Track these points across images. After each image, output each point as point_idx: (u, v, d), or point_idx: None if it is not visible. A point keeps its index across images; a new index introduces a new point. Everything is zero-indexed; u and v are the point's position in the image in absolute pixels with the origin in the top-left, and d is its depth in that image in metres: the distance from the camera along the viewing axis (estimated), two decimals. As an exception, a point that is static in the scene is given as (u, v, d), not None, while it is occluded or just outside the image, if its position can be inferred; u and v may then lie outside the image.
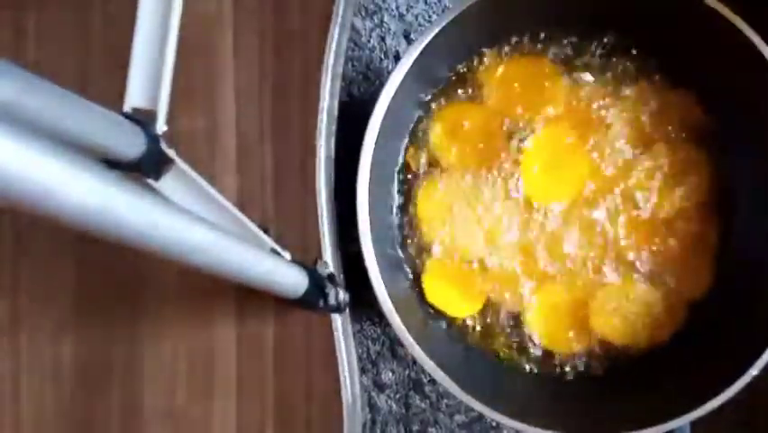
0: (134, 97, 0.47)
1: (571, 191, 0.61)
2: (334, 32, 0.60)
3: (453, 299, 0.62)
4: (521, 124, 0.61)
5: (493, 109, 0.62)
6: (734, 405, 0.52)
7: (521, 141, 0.61)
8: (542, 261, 0.61)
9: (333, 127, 0.60)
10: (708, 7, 0.53)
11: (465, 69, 0.62)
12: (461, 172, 0.62)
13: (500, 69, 0.62)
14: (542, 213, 0.61)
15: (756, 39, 0.53)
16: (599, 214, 0.61)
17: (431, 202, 0.62)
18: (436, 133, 0.62)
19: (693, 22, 0.55)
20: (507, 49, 0.62)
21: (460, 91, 0.62)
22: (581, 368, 0.61)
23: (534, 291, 0.61)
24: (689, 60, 0.60)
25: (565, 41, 0.62)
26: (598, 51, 0.62)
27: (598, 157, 0.61)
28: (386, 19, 0.68)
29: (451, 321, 0.62)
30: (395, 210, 0.62)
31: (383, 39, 0.68)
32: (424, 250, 0.62)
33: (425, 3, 0.68)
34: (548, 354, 0.61)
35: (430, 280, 0.62)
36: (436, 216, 0.62)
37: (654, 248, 0.61)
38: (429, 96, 0.62)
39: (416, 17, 0.68)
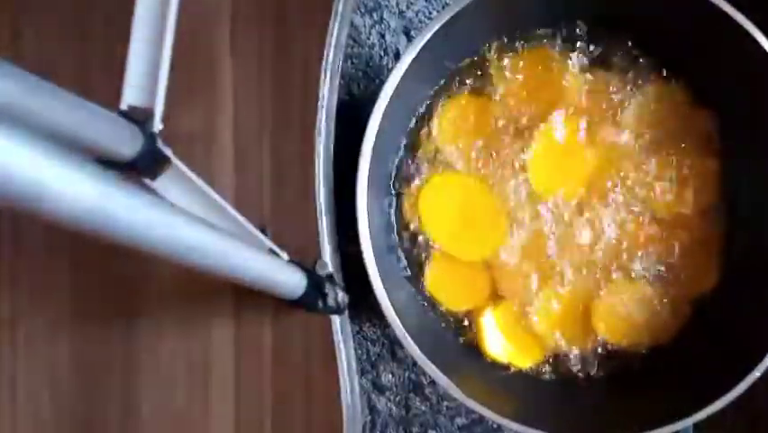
0: (131, 95, 0.47)
1: (577, 188, 0.61)
2: (334, 29, 0.60)
3: (456, 297, 0.62)
4: (526, 119, 0.61)
5: (497, 104, 0.61)
6: (737, 407, 0.52)
7: (526, 136, 0.61)
8: (546, 260, 0.61)
9: (333, 126, 0.60)
10: (714, 6, 0.53)
11: (466, 66, 0.62)
12: (463, 168, 0.61)
13: (504, 65, 0.62)
14: (547, 211, 0.61)
15: (762, 39, 0.53)
16: (604, 213, 0.61)
17: (433, 200, 0.62)
18: (438, 129, 0.62)
19: (699, 22, 0.55)
20: (509, 44, 0.62)
21: (461, 87, 0.62)
22: (584, 369, 0.61)
23: (537, 291, 0.61)
24: (694, 61, 0.59)
25: (569, 36, 0.62)
26: (601, 48, 0.62)
27: (605, 155, 0.61)
28: (386, 16, 0.67)
29: (451, 322, 0.62)
30: (395, 209, 0.62)
31: (383, 36, 0.67)
32: (425, 249, 0.62)
33: (426, -1, 0.68)
34: (550, 356, 0.61)
35: (433, 279, 0.62)
36: (438, 213, 0.62)
37: (658, 249, 0.61)
38: (430, 93, 0.62)
39: (417, 14, 0.68)
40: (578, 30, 0.61)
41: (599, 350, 0.61)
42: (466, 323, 0.62)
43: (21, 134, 0.24)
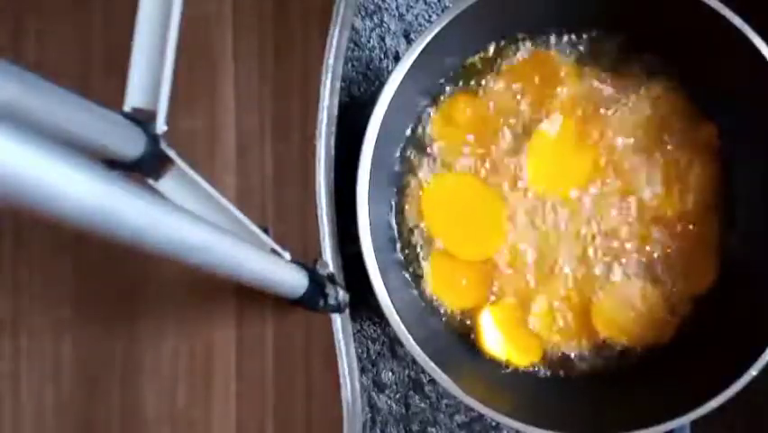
0: (134, 97, 0.47)
1: (575, 188, 0.61)
2: (334, 32, 0.60)
3: (455, 296, 0.62)
4: (525, 120, 0.61)
5: (495, 105, 0.62)
6: (734, 405, 0.52)
7: (525, 136, 0.61)
8: (545, 258, 0.61)
9: (333, 127, 0.60)
10: (711, 9, 0.53)
11: (465, 67, 0.62)
12: (463, 168, 0.62)
13: (502, 66, 0.62)
14: (545, 210, 0.61)
15: (758, 41, 0.53)
16: (602, 212, 0.61)
17: (432, 199, 0.62)
18: (438, 130, 0.62)
19: (698, 24, 0.55)
20: (507, 46, 0.62)
21: (460, 88, 0.62)
22: (582, 368, 0.61)
23: (536, 290, 0.61)
24: (693, 63, 0.60)
25: (567, 39, 0.62)
26: (599, 50, 0.62)
27: (603, 154, 0.61)
28: (386, 19, 0.68)
29: (451, 321, 0.62)
30: (395, 209, 0.63)
31: (383, 39, 0.68)
32: (425, 248, 0.62)
33: (425, 3, 0.68)
34: (549, 354, 0.61)
35: (432, 278, 0.62)
36: (438, 213, 0.62)
37: (657, 247, 0.61)
38: (430, 95, 0.62)
39: (416, 17, 0.68)
40: (576, 32, 0.62)
41: (598, 348, 0.61)
42: (465, 321, 0.62)
43: (25, 134, 0.24)
